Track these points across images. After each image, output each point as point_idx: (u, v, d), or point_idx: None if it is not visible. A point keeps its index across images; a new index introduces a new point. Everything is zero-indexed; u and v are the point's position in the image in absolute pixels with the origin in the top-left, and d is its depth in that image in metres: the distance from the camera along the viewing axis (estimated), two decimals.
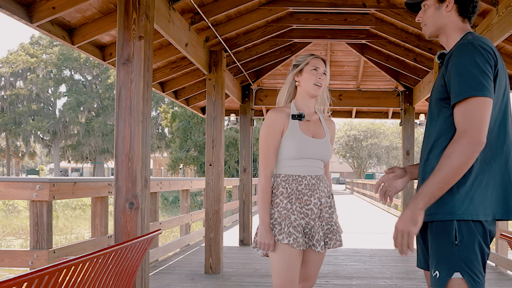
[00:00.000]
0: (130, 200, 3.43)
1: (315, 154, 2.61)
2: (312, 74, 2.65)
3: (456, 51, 1.88)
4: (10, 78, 45.10)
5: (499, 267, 6.33)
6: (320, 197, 2.59)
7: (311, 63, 2.67)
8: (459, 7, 2.04)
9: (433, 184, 1.81)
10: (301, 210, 2.56)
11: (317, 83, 2.65)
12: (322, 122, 2.74)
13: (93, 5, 4.42)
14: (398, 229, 1.87)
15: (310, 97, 2.70)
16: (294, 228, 2.53)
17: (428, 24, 2.09)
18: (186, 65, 6.60)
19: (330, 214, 2.63)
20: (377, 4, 5.67)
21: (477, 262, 1.84)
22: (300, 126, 2.63)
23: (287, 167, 2.61)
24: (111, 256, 2.25)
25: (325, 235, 2.60)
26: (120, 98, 3.46)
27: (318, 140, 2.65)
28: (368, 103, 8.96)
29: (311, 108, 2.73)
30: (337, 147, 55.83)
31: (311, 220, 2.56)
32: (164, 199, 28.29)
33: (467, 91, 1.80)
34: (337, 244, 2.63)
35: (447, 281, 1.84)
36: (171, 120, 35.20)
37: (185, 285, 5.30)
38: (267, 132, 2.62)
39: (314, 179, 2.60)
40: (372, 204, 22.99)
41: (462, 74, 1.82)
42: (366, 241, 9.23)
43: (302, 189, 2.57)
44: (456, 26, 2.05)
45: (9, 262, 3.66)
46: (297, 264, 2.55)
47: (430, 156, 1.95)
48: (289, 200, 2.57)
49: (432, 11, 2.07)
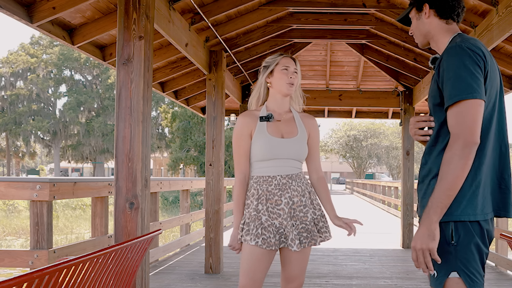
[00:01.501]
0: (130, 200, 3.44)
1: (285, 154, 2.60)
2: (283, 73, 2.65)
3: (445, 55, 1.90)
4: (10, 78, 45.12)
5: (499, 267, 6.33)
6: (292, 196, 2.58)
7: (281, 63, 2.66)
8: (437, 11, 2.06)
9: (441, 193, 1.81)
10: (273, 210, 2.56)
11: (289, 82, 2.65)
12: (296, 121, 2.72)
13: (93, 5, 4.42)
14: (417, 249, 1.84)
15: (283, 97, 2.70)
16: (265, 228, 2.54)
17: (416, 35, 2.13)
18: (186, 65, 6.61)
19: (305, 213, 2.59)
20: (377, 4, 5.67)
21: (474, 262, 1.85)
22: (268, 127, 2.63)
23: (259, 169, 2.62)
24: (111, 256, 2.25)
25: (300, 234, 2.57)
26: (120, 98, 3.47)
27: (288, 139, 2.63)
28: (368, 103, 8.96)
29: (285, 107, 2.73)
30: (337, 147, 55.82)
31: (283, 220, 2.55)
32: (164, 199, 28.29)
33: (457, 94, 1.81)
34: (312, 243, 2.59)
35: (444, 281, 1.85)
36: (171, 120, 35.21)
37: (185, 285, 5.30)
38: (236, 137, 2.66)
39: (285, 179, 2.59)
40: (372, 204, 22.99)
41: (451, 78, 1.83)
42: (366, 241, 9.23)
43: (272, 190, 2.58)
44: (441, 29, 2.06)
45: (9, 262, 3.66)
46: (264, 264, 2.57)
47: (428, 160, 1.97)
48: (260, 201, 2.58)
49: (416, 22, 2.12)
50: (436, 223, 1.82)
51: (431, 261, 1.84)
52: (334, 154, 62.18)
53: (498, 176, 1.93)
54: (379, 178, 54.86)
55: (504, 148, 1.95)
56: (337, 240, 9.43)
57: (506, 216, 1.95)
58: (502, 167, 1.94)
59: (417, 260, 1.86)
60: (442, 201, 1.81)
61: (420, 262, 1.85)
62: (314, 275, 5.86)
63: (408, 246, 8.23)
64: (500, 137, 1.95)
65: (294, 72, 2.67)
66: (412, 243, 1.88)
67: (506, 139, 1.98)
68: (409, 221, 8.28)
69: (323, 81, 8.93)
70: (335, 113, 10.14)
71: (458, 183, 1.81)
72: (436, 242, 1.82)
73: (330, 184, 56.35)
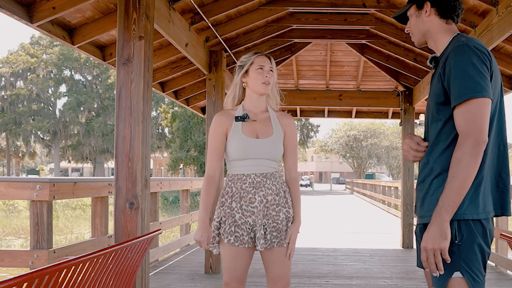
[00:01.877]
0: (130, 200, 3.44)
1: (259, 154, 2.60)
2: (258, 73, 2.63)
3: (452, 53, 1.89)
4: (10, 78, 45.12)
5: (499, 267, 6.33)
6: (266, 195, 2.58)
7: (256, 62, 2.64)
8: (438, 10, 2.05)
9: (452, 192, 1.81)
10: (247, 208, 2.57)
11: (264, 82, 2.63)
12: (272, 120, 2.70)
13: (93, 5, 4.42)
14: (429, 249, 1.83)
15: (259, 96, 2.69)
16: (238, 226, 2.57)
17: (414, 33, 2.12)
18: (186, 65, 6.60)
19: (277, 212, 2.59)
20: (377, 4, 5.67)
21: (477, 262, 1.85)
22: (243, 127, 2.63)
23: (234, 168, 2.64)
24: (111, 256, 2.25)
25: (270, 233, 2.57)
26: (120, 98, 3.46)
27: (263, 139, 2.63)
28: (368, 103, 8.96)
29: (261, 107, 2.71)
30: (337, 147, 55.83)
31: (257, 218, 2.57)
32: (164, 199, 28.28)
33: (466, 92, 1.82)
34: (281, 243, 2.58)
35: (447, 280, 1.85)
36: (171, 120, 35.22)
37: (185, 285, 5.30)
38: (210, 135, 2.67)
39: (259, 177, 2.59)
40: (372, 204, 22.99)
41: (459, 77, 1.83)
42: (366, 241, 9.23)
43: (246, 188, 2.59)
44: (441, 28, 2.06)
45: (9, 262, 3.66)
46: (242, 261, 2.60)
47: (430, 159, 1.97)
48: (234, 199, 2.59)
49: (415, 20, 2.10)
50: (447, 222, 1.82)
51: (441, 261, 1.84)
52: (334, 154, 62.18)
53: (496, 175, 1.95)
54: (379, 178, 54.86)
55: (503, 147, 1.97)
56: (337, 240, 9.45)
57: (504, 214, 1.96)
58: (500, 167, 1.96)
59: (427, 261, 1.85)
60: (454, 200, 1.81)
61: (430, 262, 1.85)
62: (314, 275, 5.86)
63: (408, 246, 8.23)
64: (499, 137, 1.96)
65: (270, 71, 2.65)
66: (422, 244, 1.86)
67: (505, 139, 1.99)
68: (409, 221, 8.28)
69: (323, 81, 8.93)
70: (335, 113, 10.14)
71: (469, 181, 1.81)
72: (448, 241, 1.82)
73: (330, 184, 56.27)
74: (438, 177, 1.91)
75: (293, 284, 5.30)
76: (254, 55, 2.68)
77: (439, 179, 1.91)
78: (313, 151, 69.15)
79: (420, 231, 2.03)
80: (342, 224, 13.22)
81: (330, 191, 45.71)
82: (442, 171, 1.90)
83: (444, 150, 1.91)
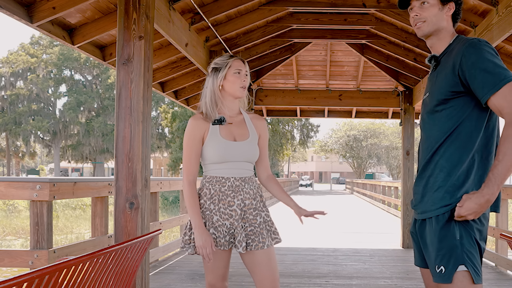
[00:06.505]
0: (130, 200, 3.44)
1: (238, 156, 2.61)
2: (236, 77, 2.62)
3: (471, 49, 1.95)
4: (10, 78, 45.12)
5: (499, 267, 6.33)
6: (244, 199, 2.59)
7: (234, 65, 2.63)
8: (453, 13, 2.12)
9: (504, 169, 1.86)
10: (225, 211, 2.57)
11: (242, 86, 2.63)
12: (247, 123, 2.71)
13: (93, 5, 4.42)
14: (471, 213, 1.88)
15: (234, 99, 2.68)
16: (216, 228, 2.57)
17: (429, 22, 2.10)
18: (186, 65, 6.61)
19: (254, 216, 2.60)
20: (377, 4, 5.67)
21: (477, 256, 1.93)
22: (220, 130, 2.62)
23: (212, 170, 2.63)
24: (111, 256, 2.25)
25: (248, 237, 2.58)
26: (120, 98, 3.47)
27: (241, 142, 2.63)
28: (368, 103, 8.96)
29: (235, 110, 2.71)
30: (337, 147, 55.85)
31: (235, 221, 2.57)
32: (164, 199, 28.29)
33: (500, 79, 1.88)
34: (259, 245, 2.58)
35: (453, 275, 1.90)
36: (171, 120, 35.24)
37: (185, 285, 5.30)
38: (187, 139, 2.64)
39: (238, 181, 2.60)
40: (372, 204, 22.99)
41: (487, 68, 1.90)
42: (366, 241, 9.23)
43: (225, 191, 2.58)
44: (450, 30, 2.13)
45: (9, 262, 3.66)
46: (221, 262, 2.64)
47: (436, 157, 2.01)
48: (212, 201, 2.59)
49: (435, 11, 2.10)
50: (496, 195, 1.88)
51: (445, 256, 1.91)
52: (334, 154, 62.23)
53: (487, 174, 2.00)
54: (379, 178, 54.86)
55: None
56: (337, 240, 9.45)
57: (495, 211, 2.02)
58: None
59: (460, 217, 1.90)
60: (505, 175, 1.88)
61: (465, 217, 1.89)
62: (314, 275, 5.86)
63: (408, 246, 8.23)
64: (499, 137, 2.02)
65: (246, 75, 2.65)
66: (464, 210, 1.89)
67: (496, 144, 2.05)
68: (409, 221, 8.27)
69: (323, 81, 8.94)
70: (335, 113, 10.14)
71: None
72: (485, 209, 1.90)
73: (330, 184, 56.27)
74: (445, 172, 1.96)
75: (293, 284, 5.31)
76: (231, 58, 2.65)
77: (445, 175, 1.96)
78: (313, 151, 69.20)
79: (420, 227, 2.05)
80: (342, 224, 13.21)
81: (330, 191, 45.70)
82: (450, 167, 1.96)
83: (449, 146, 1.97)
